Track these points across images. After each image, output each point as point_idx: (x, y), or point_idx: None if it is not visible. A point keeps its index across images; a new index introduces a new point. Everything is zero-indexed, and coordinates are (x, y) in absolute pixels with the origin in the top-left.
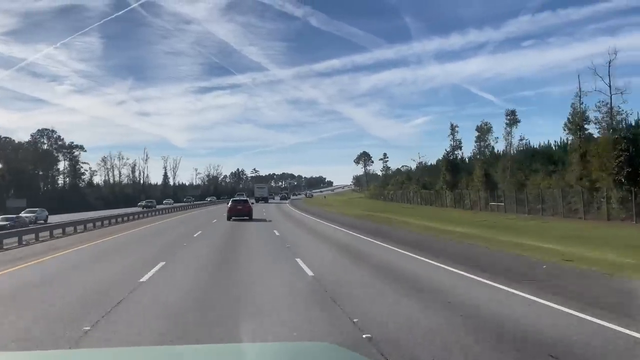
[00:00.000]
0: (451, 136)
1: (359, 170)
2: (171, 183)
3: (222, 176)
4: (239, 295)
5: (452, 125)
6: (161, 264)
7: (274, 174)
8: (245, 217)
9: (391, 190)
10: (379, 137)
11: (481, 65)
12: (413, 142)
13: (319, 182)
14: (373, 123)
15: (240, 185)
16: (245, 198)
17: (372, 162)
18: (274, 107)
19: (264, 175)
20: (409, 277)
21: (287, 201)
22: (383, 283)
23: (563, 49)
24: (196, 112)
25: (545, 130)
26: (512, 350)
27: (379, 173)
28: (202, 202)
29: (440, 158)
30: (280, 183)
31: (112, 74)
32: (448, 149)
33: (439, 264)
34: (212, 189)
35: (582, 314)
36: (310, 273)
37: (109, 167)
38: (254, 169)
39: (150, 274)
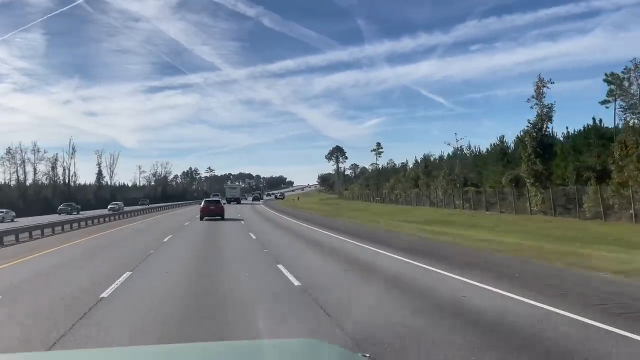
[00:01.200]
0: (534, 100)
1: (326, 168)
2: (108, 183)
3: (173, 176)
4: None
5: (539, 79)
6: None
7: (230, 174)
8: (217, 217)
9: (396, 190)
10: (333, 138)
11: (431, 68)
12: (367, 144)
13: (279, 182)
14: (327, 124)
15: (194, 186)
16: (217, 199)
17: (346, 158)
18: (228, 108)
19: (219, 175)
20: None
21: (260, 202)
22: None
23: (508, 53)
24: (147, 112)
25: (491, 132)
26: None
27: (349, 172)
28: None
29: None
30: (238, 183)
31: (57, 72)
32: (532, 120)
33: None
34: (160, 191)
35: None
36: None
37: (19, 162)
38: (209, 168)
39: None
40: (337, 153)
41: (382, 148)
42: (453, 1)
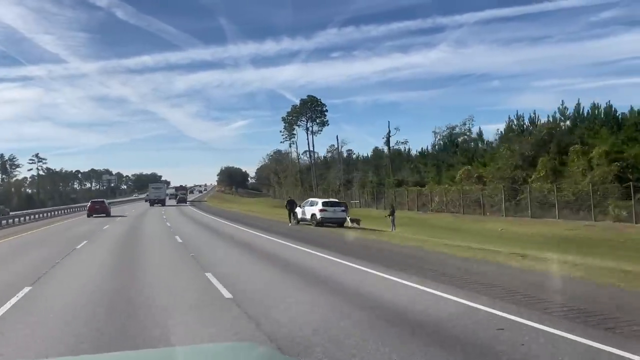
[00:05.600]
0: None
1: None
2: None
3: None
4: None
5: None
6: None
7: (78, 171)
8: (102, 215)
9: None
10: (197, 140)
11: (295, 73)
12: (234, 145)
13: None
14: (191, 125)
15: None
16: (102, 199)
17: (327, 123)
18: (77, 104)
19: (58, 170)
20: None
21: (186, 204)
22: None
23: (365, 61)
24: None
25: (353, 137)
26: None
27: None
28: None
29: None
30: (88, 184)
31: None
32: None
33: None
34: None
35: None
36: None
37: None
38: (36, 156)
39: None
40: (307, 111)
41: None
42: (314, 8)
